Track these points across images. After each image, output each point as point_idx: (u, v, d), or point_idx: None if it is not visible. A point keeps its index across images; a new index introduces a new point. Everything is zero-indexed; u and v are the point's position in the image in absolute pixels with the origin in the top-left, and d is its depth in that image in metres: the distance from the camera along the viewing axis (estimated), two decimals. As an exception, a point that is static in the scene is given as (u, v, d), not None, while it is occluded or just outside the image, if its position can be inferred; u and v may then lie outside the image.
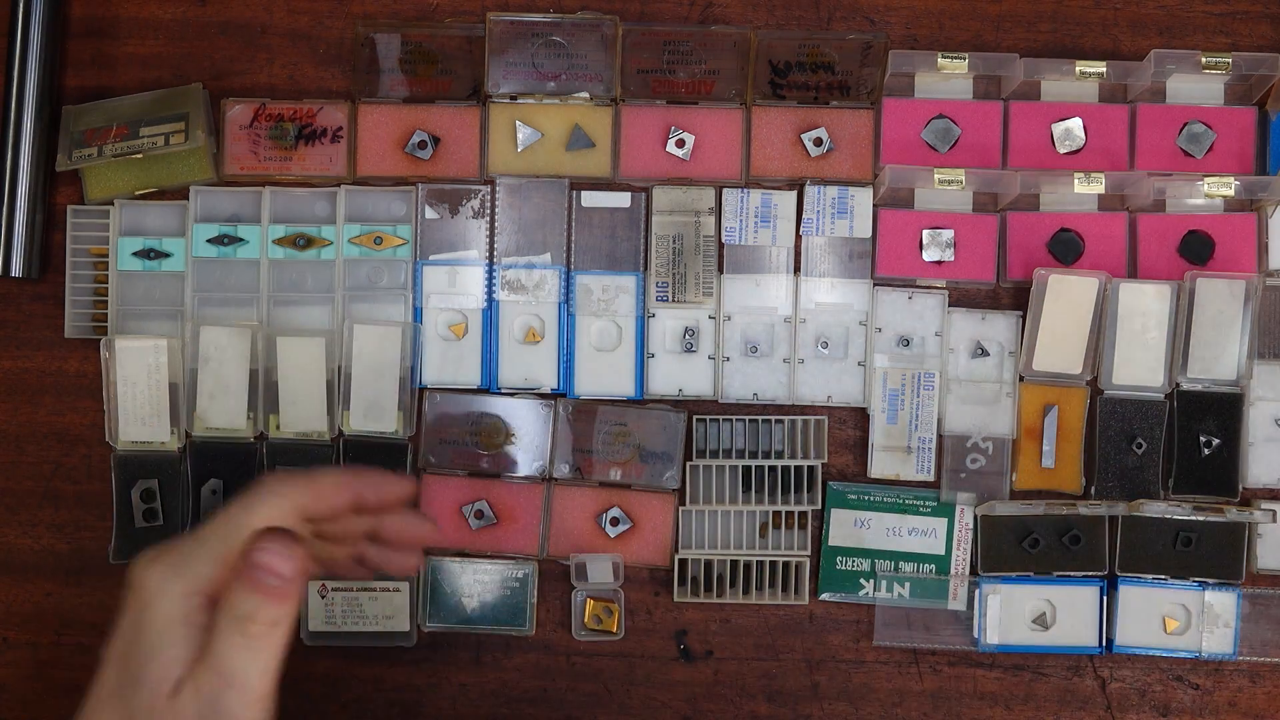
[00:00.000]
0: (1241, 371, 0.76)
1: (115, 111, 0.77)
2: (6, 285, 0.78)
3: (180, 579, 0.51)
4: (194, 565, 0.52)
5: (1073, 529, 0.76)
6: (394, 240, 0.77)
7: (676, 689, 0.77)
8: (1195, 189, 0.75)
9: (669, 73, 0.77)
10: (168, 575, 0.52)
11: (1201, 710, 0.77)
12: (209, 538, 0.53)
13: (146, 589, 0.51)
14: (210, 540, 0.53)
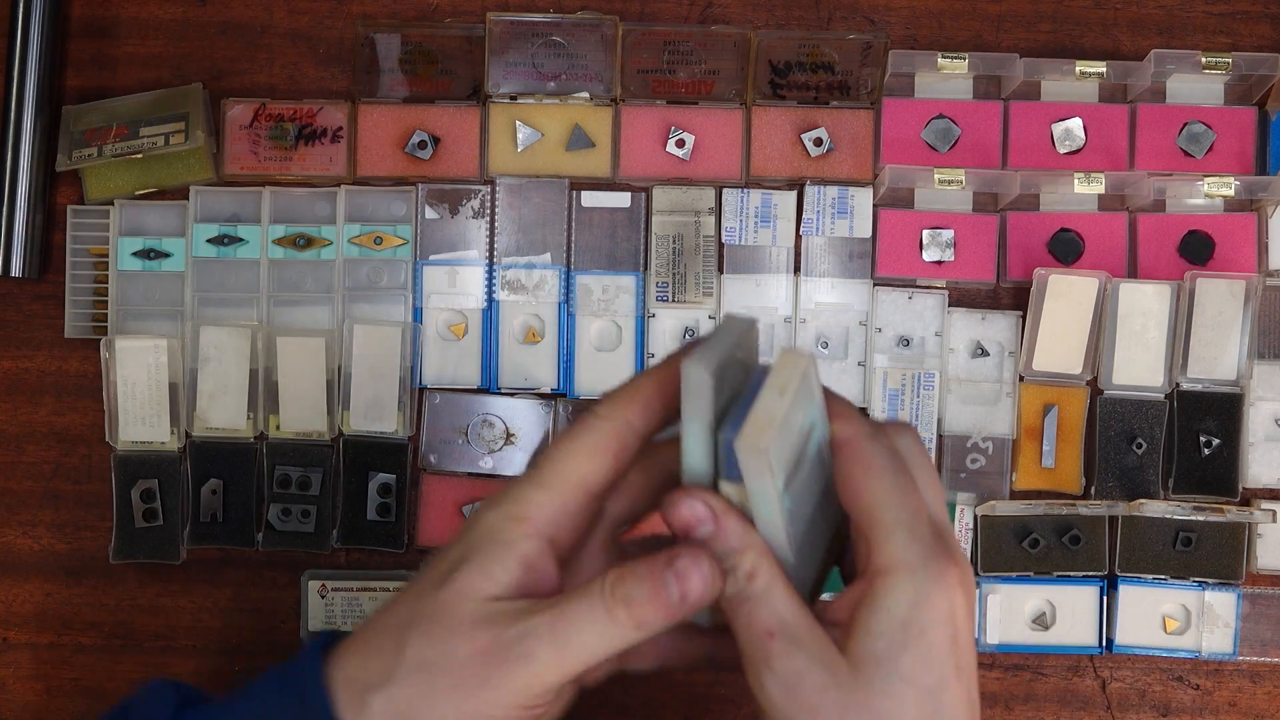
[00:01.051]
0: (1241, 371, 0.76)
1: (115, 111, 0.77)
2: (6, 285, 0.78)
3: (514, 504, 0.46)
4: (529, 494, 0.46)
5: (1073, 529, 0.76)
6: (394, 240, 0.77)
7: (676, 689, 0.77)
8: (1195, 189, 0.75)
9: (669, 73, 0.77)
10: (501, 501, 0.47)
11: (1201, 710, 0.77)
12: (548, 470, 0.47)
13: (481, 512, 0.47)
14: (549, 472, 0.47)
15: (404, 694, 0.44)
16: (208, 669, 0.76)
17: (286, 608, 0.76)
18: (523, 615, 0.44)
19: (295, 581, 0.76)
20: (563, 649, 0.44)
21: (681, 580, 0.44)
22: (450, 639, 0.44)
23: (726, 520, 0.45)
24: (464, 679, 0.44)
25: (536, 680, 0.44)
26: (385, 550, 0.76)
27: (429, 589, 0.46)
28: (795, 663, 0.43)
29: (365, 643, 0.46)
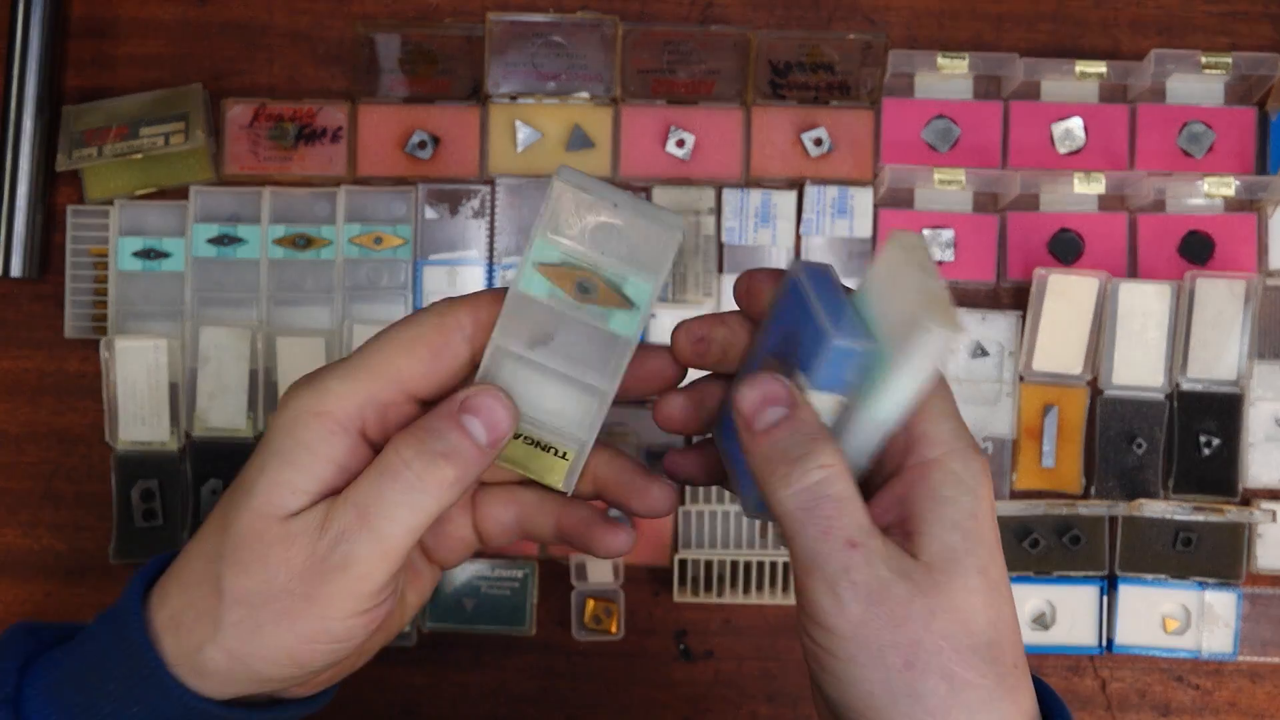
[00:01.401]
0: (1241, 371, 0.76)
1: (115, 111, 0.77)
2: (6, 285, 0.78)
3: (314, 396, 0.43)
4: (332, 385, 0.43)
5: (1073, 529, 0.76)
6: (394, 240, 0.77)
7: (676, 689, 0.77)
8: (1195, 189, 0.75)
9: (669, 73, 0.77)
10: (301, 393, 0.44)
11: (1201, 710, 0.77)
12: (357, 360, 0.44)
13: (279, 405, 0.44)
14: (357, 362, 0.44)
15: (233, 635, 0.42)
16: (208, 669, 0.76)
17: (286, 608, 0.76)
18: (330, 518, 0.42)
19: (295, 581, 0.76)
20: (381, 539, 0.42)
21: (483, 413, 0.43)
22: (265, 568, 0.42)
23: (805, 407, 0.42)
24: (289, 604, 0.42)
25: (363, 582, 0.42)
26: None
27: (234, 508, 0.43)
28: (880, 572, 0.40)
29: (182, 577, 0.44)
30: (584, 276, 0.43)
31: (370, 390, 0.43)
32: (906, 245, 0.41)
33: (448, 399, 0.43)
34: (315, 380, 0.44)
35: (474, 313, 0.44)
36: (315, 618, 0.42)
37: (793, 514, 0.41)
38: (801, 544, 0.41)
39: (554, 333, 0.44)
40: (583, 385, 0.45)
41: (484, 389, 0.43)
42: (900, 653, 0.40)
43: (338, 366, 0.44)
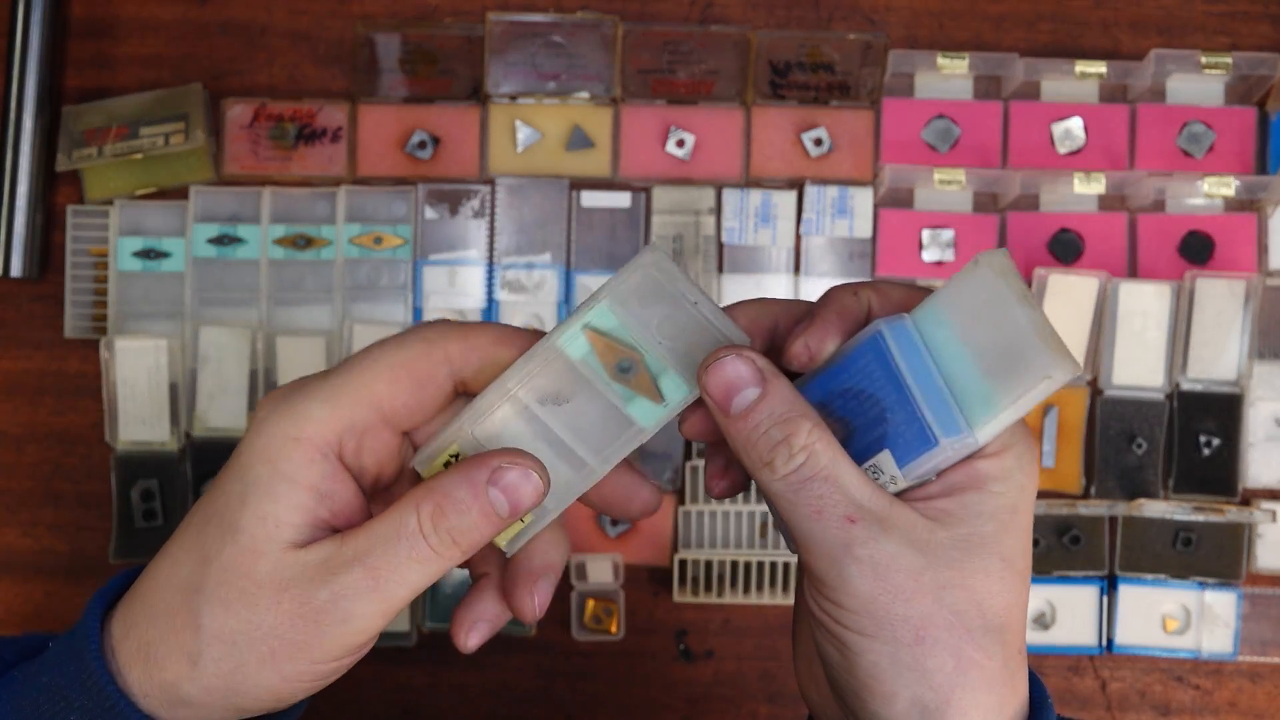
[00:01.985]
0: (1241, 371, 0.76)
1: (115, 111, 0.77)
2: (6, 285, 0.78)
3: (291, 421, 0.41)
4: (311, 409, 0.41)
5: (1073, 529, 0.76)
6: (394, 240, 0.77)
7: (676, 689, 0.77)
8: (1195, 189, 0.75)
9: (669, 73, 0.77)
10: (278, 415, 0.41)
11: (1201, 710, 0.77)
12: (337, 382, 0.42)
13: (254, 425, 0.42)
14: (338, 385, 0.42)
15: (212, 673, 0.40)
16: (208, 669, 0.76)
17: (286, 608, 0.76)
18: (333, 571, 0.40)
19: (295, 581, 0.76)
20: (386, 599, 0.40)
21: (510, 491, 0.41)
22: (251, 609, 0.40)
23: (777, 382, 0.41)
24: (277, 649, 0.40)
25: (359, 635, 0.41)
26: (385, 550, 0.76)
27: (215, 540, 0.41)
28: (885, 546, 0.39)
29: (154, 603, 0.41)
30: (629, 356, 0.42)
31: (350, 417, 0.42)
32: (999, 269, 0.40)
33: (477, 460, 0.41)
34: (293, 401, 0.42)
35: (464, 343, 0.43)
36: (303, 661, 0.41)
37: (782, 497, 0.40)
38: (796, 526, 0.40)
39: (571, 397, 0.43)
40: (576, 459, 0.43)
41: (519, 460, 0.41)
42: (910, 626, 0.39)
43: (316, 388, 0.42)
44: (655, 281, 0.42)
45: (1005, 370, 0.39)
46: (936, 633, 0.39)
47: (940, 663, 0.39)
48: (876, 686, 0.40)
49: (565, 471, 0.44)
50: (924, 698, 0.40)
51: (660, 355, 0.42)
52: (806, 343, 0.42)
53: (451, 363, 0.43)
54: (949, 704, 0.40)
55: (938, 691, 0.39)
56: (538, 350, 0.42)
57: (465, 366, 0.43)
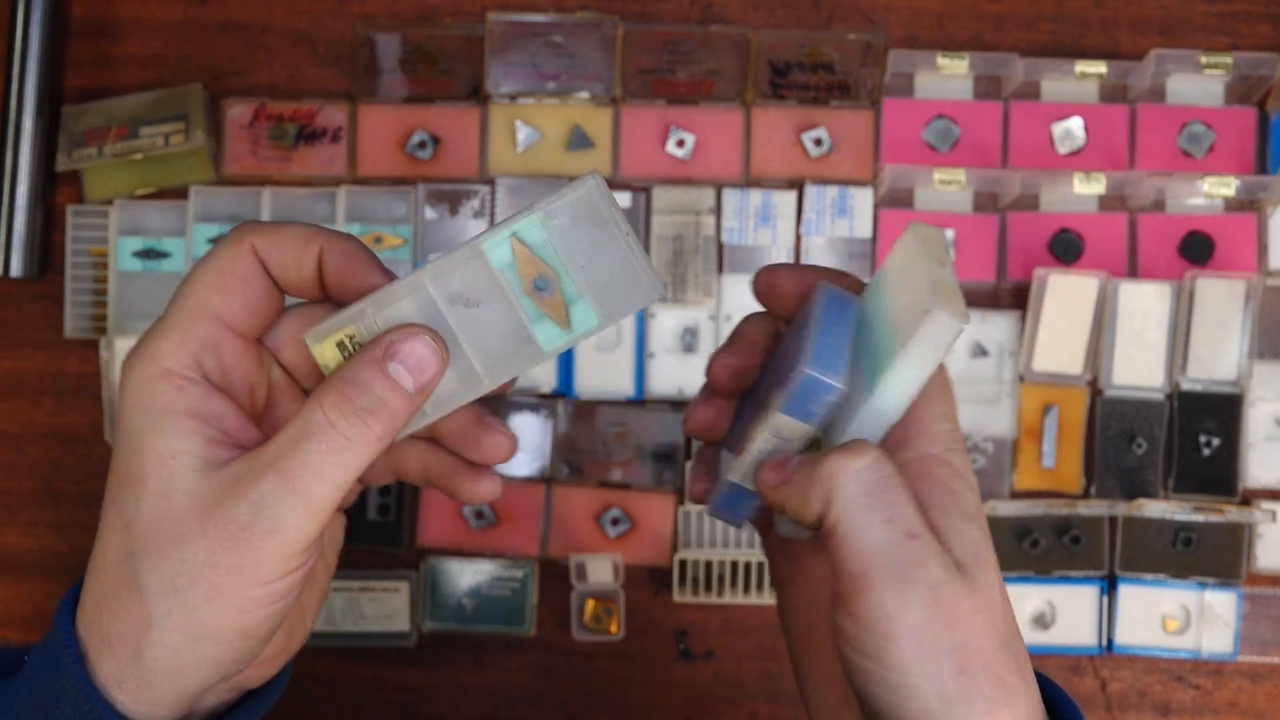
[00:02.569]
0: (1241, 371, 0.76)
1: (115, 111, 0.77)
2: (6, 285, 0.78)
3: (146, 362, 0.41)
4: (159, 345, 0.41)
5: (1073, 529, 0.76)
6: (394, 240, 0.77)
7: (676, 689, 0.77)
8: (1195, 189, 0.75)
9: (669, 73, 0.77)
10: (134, 364, 0.42)
11: (1201, 710, 0.77)
12: (173, 310, 0.42)
13: (121, 386, 0.42)
14: (174, 312, 0.42)
15: (168, 628, 0.40)
16: (208, 669, 0.76)
17: (286, 608, 0.76)
18: (245, 485, 0.39)
19: (295, 581, 0.76)
20: (309, 500, 0.39)
21: (411, 360, 0.41)
22: (181, 547, 0.40)
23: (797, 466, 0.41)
24: (216, 579, 0.39)
25: (293, 543, 0.40)
26: (385, 550, 0.76)
27: (129, 502, 0.41)
28: (935, 570, 0.38)
29: (99, 591, 0.41)
30: (548, 274, 0.42)
31: (196, 335, 0.41)
32: (922, 236, 0.41)
33: (372, 344, 0.41)
34: (142, 345, 0.42)
35: (267, 238, 0.42)
36: (248, 585, 0.40)
37: (856, 503, 0.39)
38: (862, 539, 0.39)
39: (481, 302, 0.42)
40: (467, 367, 0.43)
41: (411, 331, 0.41)
42: (954, 657, 0.38)
43: (157, 325, 0.42)
44: (592, 204, 0.41)
45: (907, 319, 0.39)
46: (974, 660, 0.39)
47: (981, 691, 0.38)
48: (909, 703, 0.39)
49: (452, 379, 0.43)
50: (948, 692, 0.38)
51: (578, 282, 0.42)
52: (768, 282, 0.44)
53: (260, 257, 0.42)
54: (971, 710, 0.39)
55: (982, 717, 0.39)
56: (460, 248, 0.42)
57: (271, 263, 0.43)
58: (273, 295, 0.43)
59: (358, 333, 0.42)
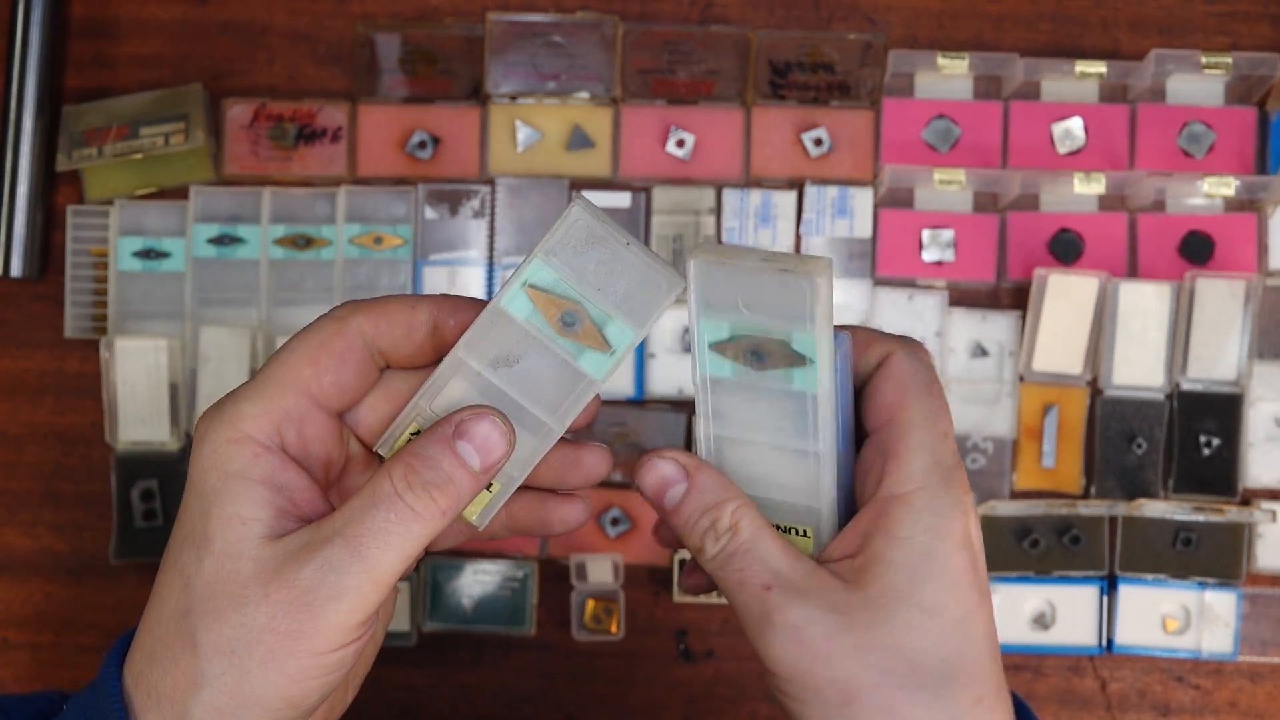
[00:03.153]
0: (1241, 371, 0.76)
1: (115, 111, 0.77)
2: (6, 285, 0.78)
3: (227, 425, 0.41)
4: (243, 408, 0.42)
5: (1073, 529, 0.76)
6: (394, 240, 0.77)
7: (676, 689, 0.77)
8: (1195, 189, 0.75)
9: (669, 73, 0.77)
10: (214, 424, 0.42)
11: (1201, 710, 0.77)
12: (263, 377, 0.43)
13: (195, 442, 0.42)
14: (263, 380, 0.43)
15: (218, 690, 0.40)
16: (208, 669, 0.76)
17: (286, 608, 0.76)
18: (311, 551, 0.40)
19: (295, 581, 0.76)
20: (373, 569, 0.40)
21: (478, 440, 0.41)
22: (241, 610, 0.40)
23: (700, 475, 0.43)
24: (275, 644, 0.40)
25: (355, 613, 0.40)
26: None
27: (191, 560, 0.41)
28: (798, 612, 0.40)
29: (151, 645, 0.42)
30: (571, 308, 0.42)
31: (282, 406, 0.42)
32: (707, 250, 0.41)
33: (442, 422, 0.42)
34: (225, 408, 0.42)
35: (372, 314, 0.43)
36: (304, 653, 0.40)
37: (716, 574, 0.43)
38: (731, 599, 0.43)
39: (521, 357, 0.43)
40: (534, 421, 0.44)
41: (479, 412, 0.42)
42: (836, 689, 0.40)
43: (243, 390, 0.43)
44: (586, 228, 0.42)
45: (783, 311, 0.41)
46: (865, 693, 0.39)
47: None
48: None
49: (525, 437, 0.44)
50: None
51: (602, 304, 0.42)
52: None
53: (365, 335, 0.43)
54: None
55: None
56: (485, 315, 0.43)
57: (379, 337, 0.43)
58: (367, 375, 0.44)
59: (421, 428, 0.44)
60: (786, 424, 0.43)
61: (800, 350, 0.41)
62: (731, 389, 0.43)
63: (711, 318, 0.42)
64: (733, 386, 0.43)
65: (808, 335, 0.41)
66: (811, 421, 0.42)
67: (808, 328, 0.41)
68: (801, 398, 0.42)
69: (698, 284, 0.41)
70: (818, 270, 0.39)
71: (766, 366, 0.42)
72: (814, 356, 0.41)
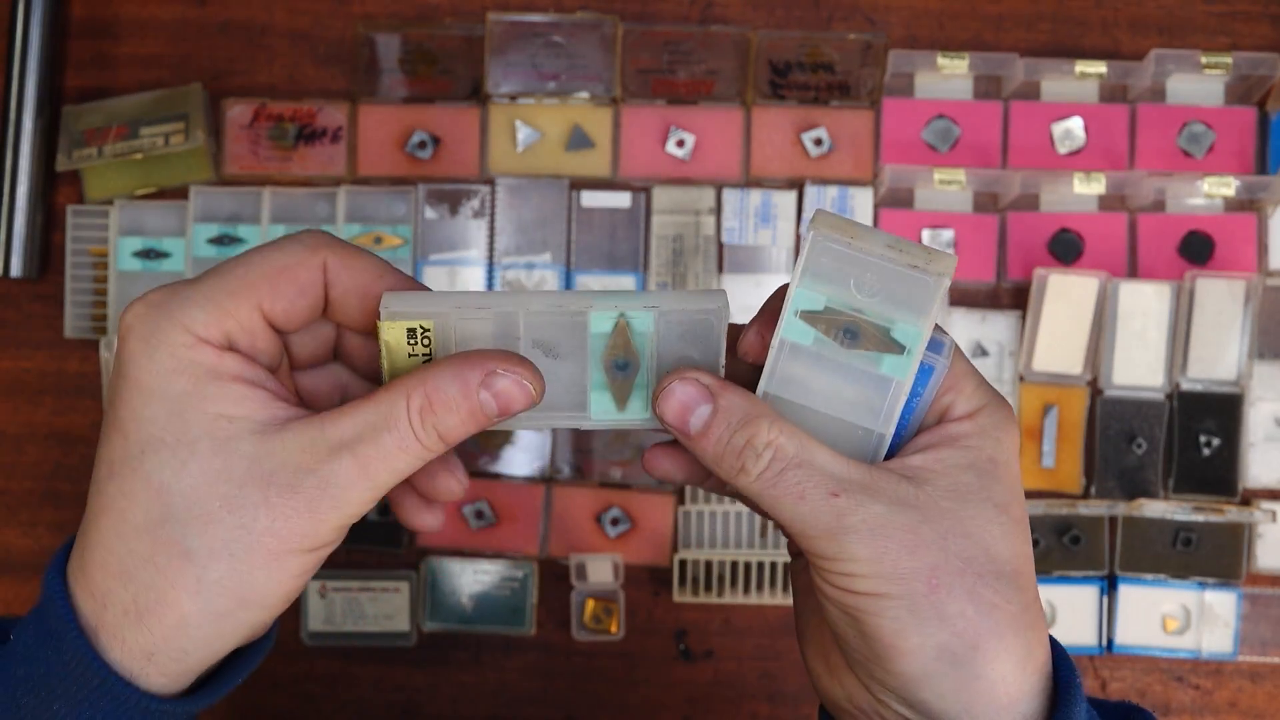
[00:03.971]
0: (1241, 371, 0.76)
1: (115, 111, 0.77)
2: (6, 285, 0.78)
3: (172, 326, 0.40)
4: (191, 312, 0.40)
5: (1073, 529, 0.76)
6: (394, 240, 0.77)
7: (676, 689, 0.77)
8: (1195, 189, 0.75)
9: (669, 73, 0.77)
10: (159, 322, 0.40)
11: (1201, 710, 0.77)
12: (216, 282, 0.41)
13: (131, 339, 0.41)
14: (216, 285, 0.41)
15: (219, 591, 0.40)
16: (208, 669, 0.76)
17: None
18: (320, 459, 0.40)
19: (295, 581, 0.76)
20: (375, 486, 0.40)
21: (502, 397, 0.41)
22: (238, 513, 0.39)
23: (726, 394, 0.41)
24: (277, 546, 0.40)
25: (353, 518, 0.41)
26: (385, 550, 0.76)
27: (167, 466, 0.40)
28: (874, 509, 0.40)
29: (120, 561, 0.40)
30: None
31: (237, 319, 0.41)
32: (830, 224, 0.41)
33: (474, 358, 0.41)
34: (174, 311, 0.40)
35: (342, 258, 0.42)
36: (306, 552, 0.40)
37: (764, 496, 0.41)
38: (785, 515, 0.40)
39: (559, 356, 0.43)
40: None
41: (515, 366, 0.41)
42: (922, 577, 0.39)
43: (193, 291, 0.41)
44: (706, 326, 0.42)
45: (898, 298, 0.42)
46: (950, 578, 0.39)
47: (960, 607, 0.39)
48: (902, 643, 0.39)
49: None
50: (950, 645, 0.39)
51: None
52: (759, 330, 0.43)
53: (327, 274, 0.42)
54: (976, 649, 0.39)
55: (963, 636, 0.39)
56: (567, 300, 0.42)
57: (337, 283, 0.43)
58: (317, 310, 0.43)
59: (434, 329, 0.43)
60: (856, 400, 0.43)
61: (900, 339, 0.42)
62: (805, 356, 0.42)
63: (811, 288, 0.41)
64: (807, 354, 0.42)
65: (913, 327, 0.41)
66: (886, 404, 0.42)
67: (917, 321, 0.41)
68: (883, 381, 0.42)
69: (811, 256, 0.41)
70: (946, 270, 0.40)
71: (857, 347, 0.42)
72: (913, 348, 0.42)
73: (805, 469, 0.40)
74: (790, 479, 0.40)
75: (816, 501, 0.40)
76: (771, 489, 0.40)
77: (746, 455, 0.40)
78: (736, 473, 0.41)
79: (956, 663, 0.39)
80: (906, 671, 0.40)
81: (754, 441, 0.40)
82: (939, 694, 0.40)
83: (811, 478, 0.40)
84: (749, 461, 0.40)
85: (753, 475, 0.40)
